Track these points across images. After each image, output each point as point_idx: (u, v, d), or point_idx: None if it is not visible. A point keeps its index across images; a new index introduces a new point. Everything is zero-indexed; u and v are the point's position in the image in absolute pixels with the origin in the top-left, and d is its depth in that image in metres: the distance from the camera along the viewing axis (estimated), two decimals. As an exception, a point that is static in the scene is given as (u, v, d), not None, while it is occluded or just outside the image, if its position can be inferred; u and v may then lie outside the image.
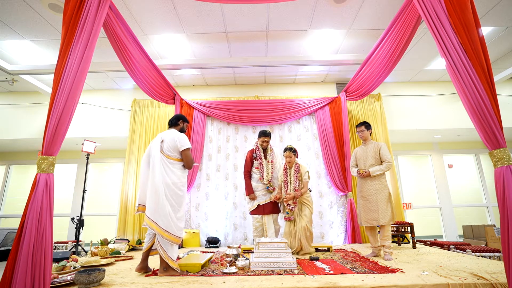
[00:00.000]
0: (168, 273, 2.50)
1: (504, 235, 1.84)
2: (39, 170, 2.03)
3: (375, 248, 3.37)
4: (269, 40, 4.56)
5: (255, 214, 3.74)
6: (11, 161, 6.99)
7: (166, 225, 2.45)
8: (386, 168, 3.31)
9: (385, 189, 3.30)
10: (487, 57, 2.09)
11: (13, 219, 6.66)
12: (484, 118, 2.02)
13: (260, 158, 3.81)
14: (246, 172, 3.87)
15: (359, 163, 3.55)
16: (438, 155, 6.87)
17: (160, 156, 2.60)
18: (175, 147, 2.66)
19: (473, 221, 6.57)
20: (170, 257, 2.49)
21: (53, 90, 2.16)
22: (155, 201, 2.46)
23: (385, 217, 3.20)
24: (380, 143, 3.46)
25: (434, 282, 2.08)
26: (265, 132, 3.86)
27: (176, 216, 2.54)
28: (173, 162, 2.65)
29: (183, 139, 2.70)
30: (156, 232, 2.44)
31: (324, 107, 5.46)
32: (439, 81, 6.01)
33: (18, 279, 1.79)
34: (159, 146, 2.65)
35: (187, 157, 2.68)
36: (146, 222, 2.45)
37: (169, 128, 2.92)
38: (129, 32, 3.44)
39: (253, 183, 3.79)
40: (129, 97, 5.81)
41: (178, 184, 2.60)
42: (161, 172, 2.54)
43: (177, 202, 2.57)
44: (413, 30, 3.25)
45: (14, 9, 3.67)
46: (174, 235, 2.47)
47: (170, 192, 2.54)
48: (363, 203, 3.39)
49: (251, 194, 3.73)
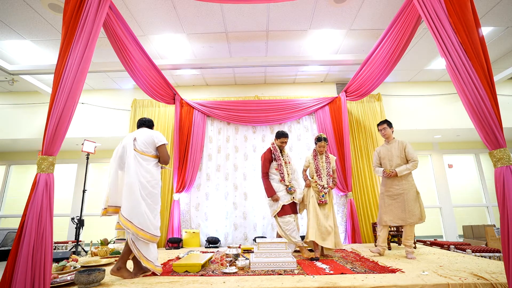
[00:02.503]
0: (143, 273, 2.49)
1: (504, 235, 1.84)
2: (39, 170, 2.03)
3: (381, 246, 3.38)
4: (269, 40, 4.56)
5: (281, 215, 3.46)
6: (11, 161, 6.99)
7: (142, 223, 2.42)
8: (413, 167, 3.27)
9: (412, 188, 3.27)
10: (487, 57, 2.09)
11: (13, 219, 6.65)
12: (484, 118, 2.02)
13: (279, 159, 3.64)
14: (264, 174, 3.66)
15: (384, 162, 3.50)
16: (438, 155, 6.87)
17: (134, 154, 2.57)
18: (152, 142, 2.67)
19: (473, 221, 6.57)
20: (145, 257, 2.45)
21: (53, 90, 2.16)
22: (130, 200, 2.43)
23: (412, 217, 3.17)
24: (404, 141, 3.41)
25: (434, 282, 2.08)
26: (285, 133, 3.69)
27: (152, 215, 2.52)
28: (148, 159, 2.62)
29: (160, 135, 2.73)
30: (131, 231, 2.40)
31: (324, 107, 5.46)
32: (439, 81, 6.01)
33: (18, 279, 1.79)
34: (132, 144, 2.61)
35: (163, 153, 2.69)
36: (122, 221, 2.40)
37: (139, 127, 2.88)
38: (129, 32, 3.44)
39: (274, 184, 3.59)
40: (129, 97, 5.81)
41: (153, 182, 2.59)
42: (136, 170, 2.51)
43: (153, 201, 2.56)
44: (413, 30, 3.25)
45: (14, 9, 3.67)
46: (150, 233, 2.45)
47: (145, 191, 2.52)
48: (389, 202, 3.35)
49: (274, 196, 3.50)
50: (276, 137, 3.73)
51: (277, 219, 3.46)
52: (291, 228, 3.40)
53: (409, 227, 3.24)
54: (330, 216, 3.45)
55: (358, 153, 5.35)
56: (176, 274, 2.60)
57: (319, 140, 3.61)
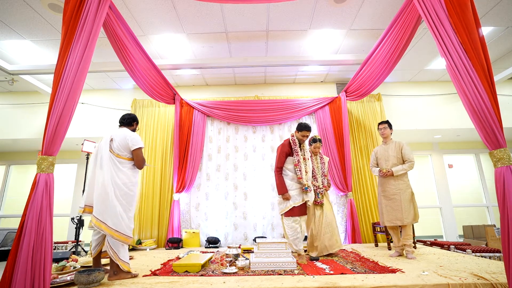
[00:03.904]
0: (119, 276, 2.41)
1: (504, 235, 1.84)
2: (39, 170, 2.02)
3: (398, 247, 3.38)
4: (269, 40, 4.56)
5: (288, 216, 3.21)
6: (11, 161, 6.99)
7: (116, 224, 2.38)
8: (409, 167, 3.30)
9: (408, 189, 3.30)
10: (487, 57, 2.09)
11: (13, 219, 6.65)
12: (484, 118, 2.02)
13: (297, 153, 3.27)
14: (278, 168, 3.31)
15: (380, 162, 3.54)
16: (438, 155, 6.87)
17: (109, 155, 2.52)
18: (126, 145, 2.59)
19: (473, 221, 6.57)
20: (121, 258, 2.41)
21: (53, 90, 2.17)
22: (103, 201, 2.39)
23: (408, 216, 3.21)
24: (402, 142, 3.45)
25: (434, 282, 2.08)
26: (308, 126, 3.33)
27: (128, 216, 2.49)
28: (123, 161, 2.57)
29: (135, 138, 2.63)
30: (105, 232, 2.37)
31: (324, 107, 5.46)
32: (439, 81, 6.01)
33: (18, 279, 1.78)
34: (109, 145, 2.56)
35: (138, 157, 2.61)
36: (94, 223, 2.37)
37: (120, 126, 2.80)
38: (129, 32, 3.44)
39: (287, 181, 3.26)
40: (129, 97, 5.81)
41: (128, 184, 2.54)
42: (110, 171, 2.47)
43: (128, 202, 2.51)
44: (413, 30, 3.25)
45: (14, 9, 3.67)
46: (124, 234, 2.42)
47: (120, 192, 2.47)
48: (386, 202, 3.38)
49: (285, 194, 3.19)
50: (298, 130, 3.37)
51: (283, 219, 3.27)
52: (295, 235, 3.18)
53: (408, 227, 3.25)
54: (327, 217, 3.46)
55: (358, 153, 5.35)
56: (176, 274, 2.60)
57: (315, 141, 3.63)
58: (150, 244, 4.63)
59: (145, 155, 5.26)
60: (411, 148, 6.79)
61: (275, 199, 5.18)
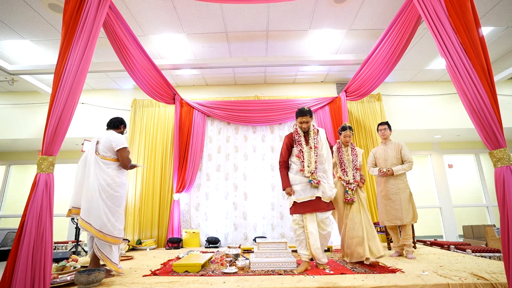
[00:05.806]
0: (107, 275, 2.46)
1: (504, 235, 1.84)
2: (39, 170, 2.02)
3: (398, 247, 3.39)
4: (269, 40, 4.56)
5: (293, 213, 2.84)
6: (11, 161, 6.98)
7: (101, 225, 2.42)
8: (408, 167, 3.33)
9: (407, 189, 3.32)
10: (487, 57, 2.09)
11: (13, 219, 6.65)
12: (484, 118, 2.02)
13: (299, 143, 2.94)
14: (282, 162, 3.04)
15: (379, 162, 3.56)
16: (438, 155, 6.87)
17: (95, 157, 2.59)
18: (110, 146, 2.64)
19: (473, 221, 6.57)
20: (109, 258, 2.44)
21: (53, 90, 2.16)
22: (89, 203, 2.44)
23: (408, 216, 3.23)
24: (401, 142, 3.48)
25: (434, 282, 2.08)
26: (303, 111, 2.94)
27: (114, 217, 2.51)
28: (108, 163, 2.62)
29: (119, 139, 2.68)
30: (91, 233, 2.42)
31: (324, 107, 5.46)
32: (439, 81, 6.01)
33: (18, 279, 1.78)
34: (94, 148, 2.63)
35: (122, 157, 2.66)
36: (80, 223, 2.42)
37: (107, 129, 2.86)
38: (129, 32, 3.44)
39: (291, 175, 2.94)
40: (129, 97, 5.81)
41: (113, 185, 2.56)
42: (95, 173, 2.52)
43: (114, 203, 2.54)
44: (413, 30, 3.25)
45: (14, 9, 3.67)
46: (110, 235, 2.45)
47: (106, 194, 2.51)
48: (385, 202, 3.39)
49: (287, 188, 2.88)
50: (295, 117, 3.05)
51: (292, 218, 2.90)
52: (296, 237, 2.79)
53: (407, 227, 3.25)
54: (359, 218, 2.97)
55: (358, 153, 5.34)
56: (176, 274, 2.60)
57: (344, 129, 3.26)
58: (150, 244, 4.63)
59: (145, 155, 5.32)
60: (411, 148, 6.86)
61: (275, 199, 5.19)
